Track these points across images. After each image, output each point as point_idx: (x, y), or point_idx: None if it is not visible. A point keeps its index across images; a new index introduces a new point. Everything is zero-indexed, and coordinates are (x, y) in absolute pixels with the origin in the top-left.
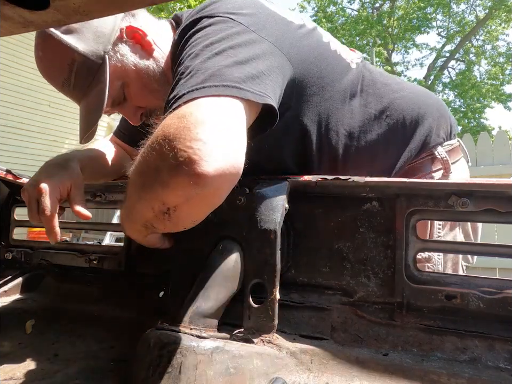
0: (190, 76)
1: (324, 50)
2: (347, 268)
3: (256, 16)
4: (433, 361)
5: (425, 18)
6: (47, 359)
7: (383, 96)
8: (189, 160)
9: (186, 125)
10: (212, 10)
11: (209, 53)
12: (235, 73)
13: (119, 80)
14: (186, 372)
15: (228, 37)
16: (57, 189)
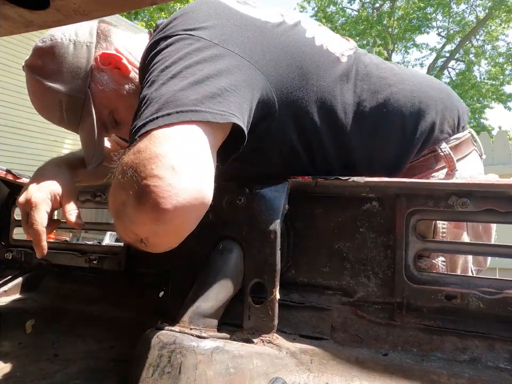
0: (145, 106)
1: (306, 47)
2: (347, 268)
3: (222, 27)
4: (433, 361)
5: (425, 18)
6: (47, 359)
7: (378, 91)
8: (147, 197)
9: (141, 161)
10: (170, 29)
11: (164, 78)
12: (191, 95)
13: (106, 108)
14: (186, 372)
15: (185, 55)
16: (47, 201)
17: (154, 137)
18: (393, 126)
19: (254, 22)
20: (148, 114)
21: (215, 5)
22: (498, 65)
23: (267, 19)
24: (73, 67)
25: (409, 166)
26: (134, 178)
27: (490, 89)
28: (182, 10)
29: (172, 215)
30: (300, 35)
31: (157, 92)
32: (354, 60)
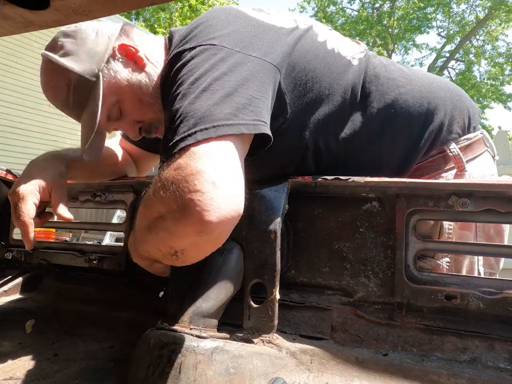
0: (180, 120)
1: (319, 51)
2: (347, 268)
3: (241, 33)
4: (433, 361)
5: (425, 19)
6: (47, 359)
7: (387, 92)
8: (192, 210)
9: (184, 177)
10: (194, 40)
11: (196, 91)
12: (225, 109)
13: (114, 96)
14: (186, 372)
15: (212, 67)
16: (35, 193)
17: (194, 154)
18: (401, 127)
19: (270, 28)
20: (185, 129)
21: (233, 12)
22: (498, 65)
23: (282, 25)
24: (91, 51)
25: (417, 167)
26: (177, 193)
27: (490, 89)
28: (201, 18)
29: (214, 226)
30: (312, 39)
31: (191, 106)
32: (365, 63)
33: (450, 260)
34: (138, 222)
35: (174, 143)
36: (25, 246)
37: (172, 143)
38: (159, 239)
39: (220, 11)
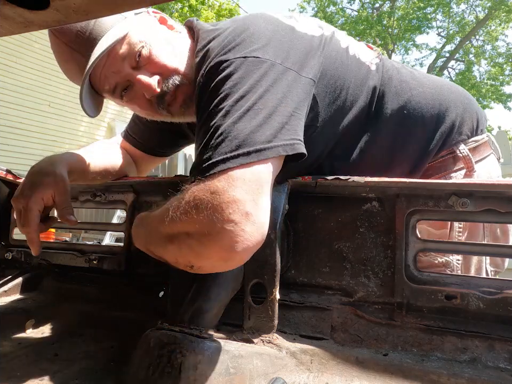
0: (222, 139)
1: (344, 58)
2: (347, 268)
3: (281, 43)
4: (433, 361)
5: (425, 19)
6: (47, 359)
7: (400, 94)
8: (222, 239)
9: (220, 204)
10: (237, 51)
11: (240, 110)
12: (267, 131)
13: (141, 39)
14: (186, 372)
15: (256, 83)
16: (40, 200)
17: (233, 179)
18: (414, 128)
19: (303, 36)
20: (227, 150)
21: (271, 20)
22: (498, 65)
23: (312, 33)
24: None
25: (427, 167)
26: (210, 218)
27: (490, 89)
28: (241, 25)
29: (239, 255)
30: (337, 46)
31: (234, 125)
32: (381, 67)
33: (460, 257)
34: (160, 226)
35: (213, 162)
36: (32, 252)
37: (211, 162)
38: (180, 253)
39: (259, 18)
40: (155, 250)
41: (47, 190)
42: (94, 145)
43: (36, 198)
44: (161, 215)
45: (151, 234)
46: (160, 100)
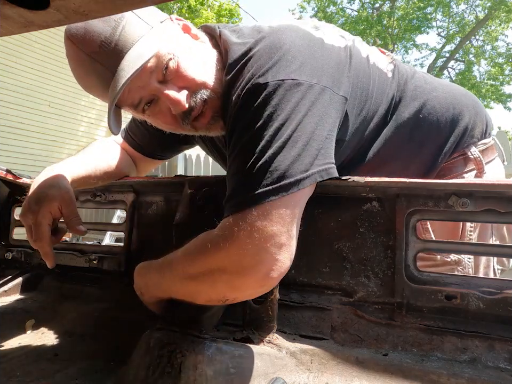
0: (262, 171)
1: (366, 67)
2: (347, 268)
3: (315, 59)
4: (433, 361)
5: (425, 19)
6: (47, 359)
7: (415, 99)
8: (258, 271)
9: (259, 238)
10: (275, 73)
11: (280, 140)
12: (305, 160)
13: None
14: (186, 372)
15: (294, 109)
16: (48, 214)
17: (271, 215)
18: (429, 131)
19: (332, 49)
20: (268, 183)
21: (303, 34)
22: (498, 65)
23: (338, 44)
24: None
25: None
26: (247, 251)
27: (490, 89)
28: (274, 43)
29: (274, 282)
30: (359, 56)
31: (275, 157)
32: (396, 73)
33: (471, 256)
34: (185, 267)
35: (256, 194)
36: (48, 265)
37: (252, 195)
38: (214, 289)
39: (292, 32)
40: (179, 294)
41: (53, 202)
42: (94, 146)
43: (44, 212)
44: (183, 256)
45: (172, 278)
46: (186, 115)
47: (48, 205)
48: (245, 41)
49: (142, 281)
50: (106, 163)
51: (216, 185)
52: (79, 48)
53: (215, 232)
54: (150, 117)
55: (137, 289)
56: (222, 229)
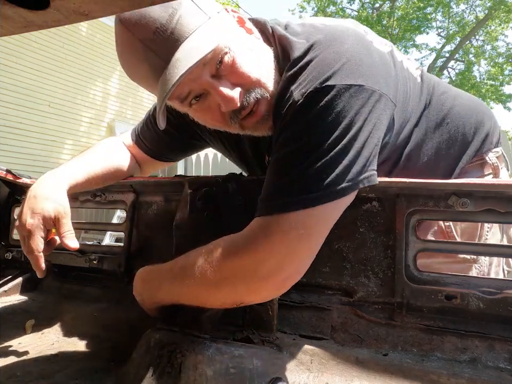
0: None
1: (403, 72)
2: (347, 268)
3: (374, 65)
4: (433, 361)
5: (425, 19)
6: (47, 359)
7: (443, 104)
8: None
9: (291, 243)
10: (339, 77)
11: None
12: (356, 168)
13: (225, 44)
14: (186, 372)
15: (355, 116)
16: (41, 227)
17: (311, 221)
18: (456, 135)
19: (383, 55)
20: (316, 189)
21: (361, 39)
22: (497, 65)
23: (383, 49)
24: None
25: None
26: (280, 254)
27: (490, 89)
28: (336, 46)
29: (292, 284)
30: (398, 61)
31: (328, 164)
32: (425, 79)
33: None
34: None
35: (302, 198)
36: (38, 275)
37: (299, 198)
38: (234, 294)
39: (351, 36)
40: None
41: (47, 216)
42: (99, 146)
43: (37, 224)
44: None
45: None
46: (235, 113)
47: (42, 219)
48: (301, 40)
49: (146, 286)
50: (111, 164)
51: (216, 185)
52: (132, 33)
53: (245, 233)
54: (197, 112)
55: (138, 294)
56: (254, 230)
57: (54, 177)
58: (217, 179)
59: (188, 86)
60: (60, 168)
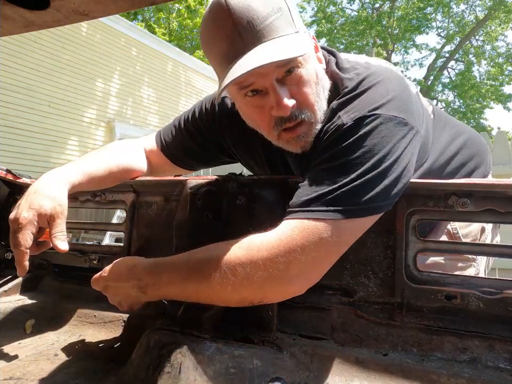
0: (355, 191)
1: (419, 105)
2: (347, 268)
3: (412, 104)
4: (433, 361)
5: (425, 19)
6: (47, 359)
7: (453, 139)
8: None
9: (324, 245)
10: (386, 109)
11: (379, 169)
12: (391, 191)
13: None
14: (186, 372)
15: (395, 145)
16: (33, 223)
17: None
18: (463, 169)
19: (415, 96)
20: (355, 202)
21: (401, 79)
22: (497, 65)
23: (413, 90)
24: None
25: None
26: (312, 255)
27: (489, 89)
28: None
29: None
30: (421, 100)
31: (371, 181)
32: (437, 115)
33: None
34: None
35: (340, 210)
36: (18, 272)
37: (341, 208)
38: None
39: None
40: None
41: (43, 212)
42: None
43: (31, 220)
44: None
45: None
46: (281, 121)
47: (37, 215)
48: (351, 75)
49: (152, 279)
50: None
51: (216, 185)
52: (229, 13)
53: (279, 233)
54: (247, 105)
55: (142, 286)
56: (289, 231)
57: (57, 175)
58: (217, 179)
59: (253, 78)
60: (63, 168)
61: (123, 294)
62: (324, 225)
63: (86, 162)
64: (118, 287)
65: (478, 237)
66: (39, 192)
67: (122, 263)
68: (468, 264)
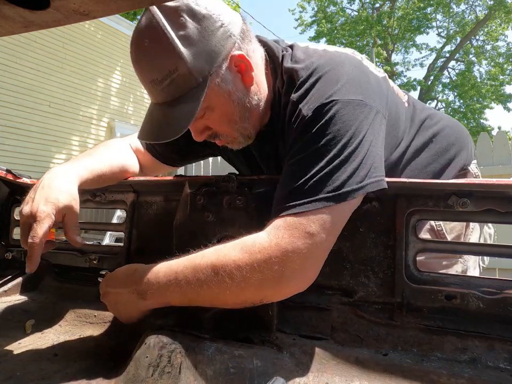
0: (326, 179)
1: (394, 96)
2: (347, 267)
3: (371, 86)
4: (433, 361)
5: (425, 19)
6: (47, 359)
7: (430, 126)
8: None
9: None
10: (343, 93)
11: (343, 155)
12: (361, 172)
13: (206, 103)
14: (186, 372)
15: (358, 127)
16: (51, 216)
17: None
18: (442, 157)
19: (377, 78)
20: (330, 190)
21: (358, 63)
22: (498, 65)
23: (377, 74)
24: (211, 50)
25: None
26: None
27: (490, 89)
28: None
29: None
30: (389, 85)
31: (338, 168)
32: (412, 104)
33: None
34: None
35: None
36: (27, 268)
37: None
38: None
39: (351, 61)
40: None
41: (60, 207)
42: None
43: (49, 213)
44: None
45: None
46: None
47: (55, 208)
48: (304, 66)
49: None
50: (117, 165)
51: (216, 185)
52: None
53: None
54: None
55: (141, 291)
56: (278, 229)
57: (68, 171)
58: (217, 179)
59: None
60: (71, 163)
61: (122, 300)
62: (305, 218)
63: (92, 160)
64: (118, 293)
65: (463, 232)
66: (54, 186)
67: (123, 270)
68: (454, 261)
